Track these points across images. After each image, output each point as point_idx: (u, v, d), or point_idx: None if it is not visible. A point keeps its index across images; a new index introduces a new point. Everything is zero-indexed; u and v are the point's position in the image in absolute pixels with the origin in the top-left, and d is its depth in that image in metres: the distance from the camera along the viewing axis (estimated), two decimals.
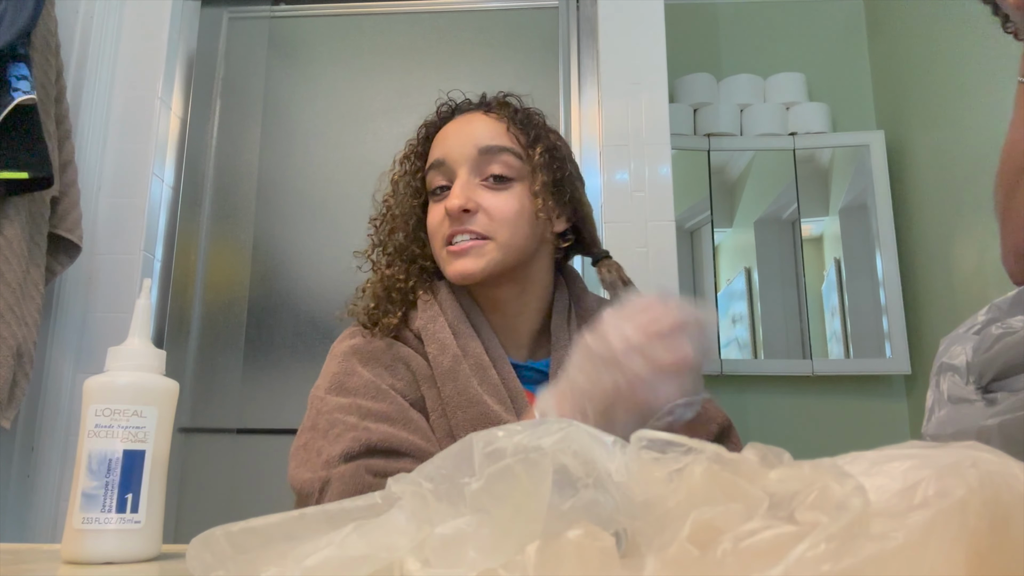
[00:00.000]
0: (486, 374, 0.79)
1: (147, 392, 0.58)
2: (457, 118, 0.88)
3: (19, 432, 1.62)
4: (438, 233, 0.83)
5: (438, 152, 0.85)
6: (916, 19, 2.18)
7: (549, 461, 0.30)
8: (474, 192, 0.81)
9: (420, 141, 0.91)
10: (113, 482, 0.56)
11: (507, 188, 0.82)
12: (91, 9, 1.81)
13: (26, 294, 1.51)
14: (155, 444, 0.58)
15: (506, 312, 0.85)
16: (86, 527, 0.55)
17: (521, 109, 0.88)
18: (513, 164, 0.82)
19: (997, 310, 0.60)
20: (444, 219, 0.82)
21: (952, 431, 0.54)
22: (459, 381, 0.78)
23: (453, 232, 0.80)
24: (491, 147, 0.82)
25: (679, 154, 2.33)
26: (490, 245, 0.80)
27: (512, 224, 0.80)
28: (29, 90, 1.47)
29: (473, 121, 0.85)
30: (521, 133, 0.84)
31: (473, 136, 0.83)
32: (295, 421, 0.87)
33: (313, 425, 0.77)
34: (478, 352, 0.80)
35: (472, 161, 0.82)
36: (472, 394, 0.77)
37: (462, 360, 0.79)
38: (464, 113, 0.88)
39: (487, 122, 0.85)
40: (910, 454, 0.28)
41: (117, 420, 0.57)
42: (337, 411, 0.76)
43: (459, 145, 0.83)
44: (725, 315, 2.31)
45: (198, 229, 1.88)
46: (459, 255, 0.80)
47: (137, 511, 0.56)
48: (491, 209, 0.80)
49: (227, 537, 0.34)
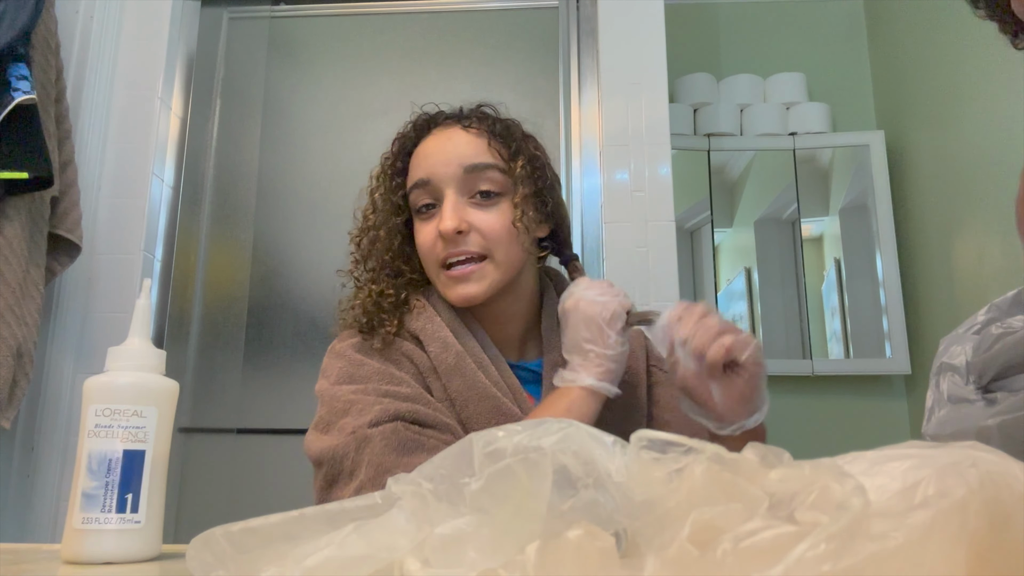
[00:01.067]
0: (487, 371, 0.80)
1: (147, 392, 0.58)
2: (435, 132, 0.86)
3: (19, 432, 1.62)
4: (431, 255, 0.82)
5: (421, 171, 0.84)
6: (916, 19, 2.18)
7: (549, 461, 0.30)
8: (465, 212, 0.81)
9: (396, 156, 0.89)
10: (113, 482, 0.55)
11: (495, 204, 0.82)
12: (91, 9, 1.81)
13: (26, 294, 1.51)
14: (155, 444, 0.57)
15: (498, 318, 0.86)
16: (86, 527, 0.55)
17: (499, 121, 0.87)
18: (498, 179, 0.82)
19: (997, 310, 0.60)
20: (437, 240, 0.81)
21: (952, 431, 0.54)
22: (467, 376, 0.79)
23: (449, 255, 0.80)
24: (476, 165, 0.82)
25: (679, 154, 2.33)
26: (489, 266, 0.81)
27: (505, 240, 0.81)
28: (29, 90, 1.47)
29: (454, 137, 0.84)
30: (502, 147, 0.84)
31: (457, 154, 0.82)
32: (295, 421, 0.87)
33: (330, 410, 0.77)
34: (477, 351, 0.81)
35: (458, 180, 0.82)
36: (482, 388, 0.78)
37: (466, 356, 0.80)
38: (441, 127, 0.86)
39: (468, 138, 0.84)
40: (910, 454, 0.28)
41: (117, 420, 0.57)
42: (354, 395, 0.76)
43: (443, 164, 0.82)
44: (725, 315, 2.31)
45: (198, 229, 1.88)
46: (459, 280, 0.80)
47: (137, 511, 0.56)
48: (484, 227, 0.80)
49: (227, 537, 0.34)
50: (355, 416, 0.74)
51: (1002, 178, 1.74)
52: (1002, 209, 1.73)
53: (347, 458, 0.72)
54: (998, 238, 1.75)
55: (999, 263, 1.75)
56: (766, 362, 0.73)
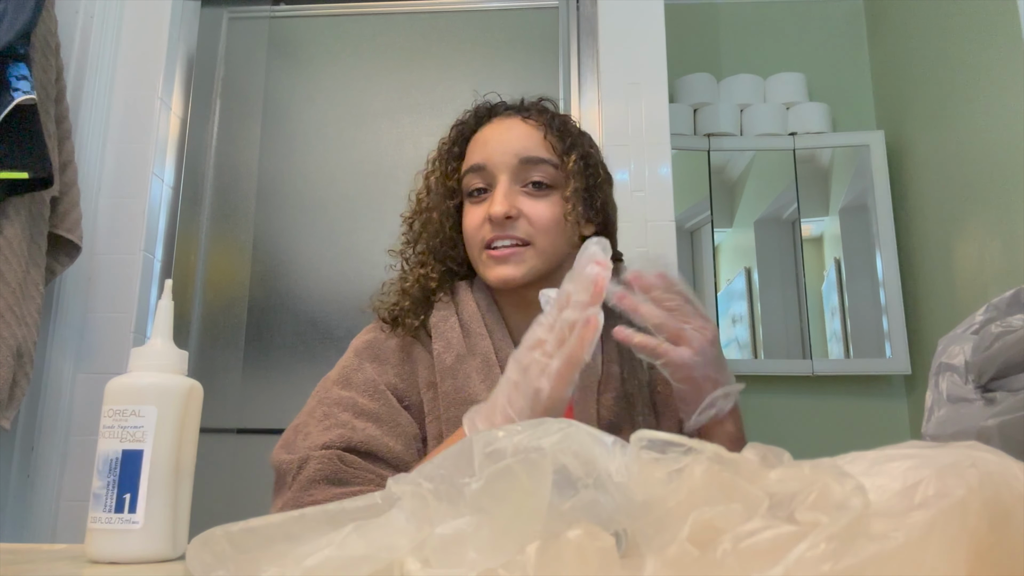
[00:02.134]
0: (490, 372, 0.81)
1: (143, 392, 0.58)
2: (495, 121, 0.89)
3: (19, 432, 1.62)
4: (476, 236, 0.85)
5: (478, 156, 0.86)
6: (916, 19, 2.18)
7: (549, 461, 0.30)
8: (516, 199, 0.83)
9: (454, 141, 0.91)
10: (113, 482, 0.56)
11: (546, 195, 0.84)
12: (91, 9, 1.81)
13: (26, 294, 1.51)
14: (155, 444, 0.57)
15: (531, 312, 0.87)
16: (94, 527, 0.56)
17: (557, 116, 0.90)
18: (551, 173, 0.85)
19: (995, 310, 0.60)
20: (484, 223, 0.84)
21: (952, 432, 0.54)
22: (458, 379, 0.81)
23: (494, 237, 0.83)
24: (531, 158, 0.84)
25: (679, 154, 2.33)
26: (530, 252, 0.83)
27: (551, 231, 0.83)
28: (29, 90, 1.47)
29: (513, 128, 0.87)
30: (557, 141, 0.86)
31: (513, 144, 0.85)
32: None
33: (311, 410, 0.82)
34: (487, 351, 0.83)
35: (513, 169, 0.84)
36: (469, 392, 0.80)
37: (466, 359, 0.82)
38: (502, 116, 0.89)
39: (526, 130, 0.86)
40: (910, 454, 0.28)
41: (118, 420, 0.57)
42: (335, 405, 0.80)
43: (500, 152, 0.85)
44: (725, 315, 2.31)
45: (198, 229, 1.88)
46: (500, 261, 0.83)
47: (135, 511, 0.56)
48: (532, 216, 0.83)
49: (227, 537, 0.34)
50: (320, 431, 0.78)
51: (1002, 178, 1.74)
52: (1002, 209, 1.73)
53: (288, 475, 0.77)
54: (998, 238, 1.75)
55: (999, 263, 1.75)
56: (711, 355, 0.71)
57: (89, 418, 1.65)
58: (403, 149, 1.87)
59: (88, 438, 1.65)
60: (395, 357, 0.84)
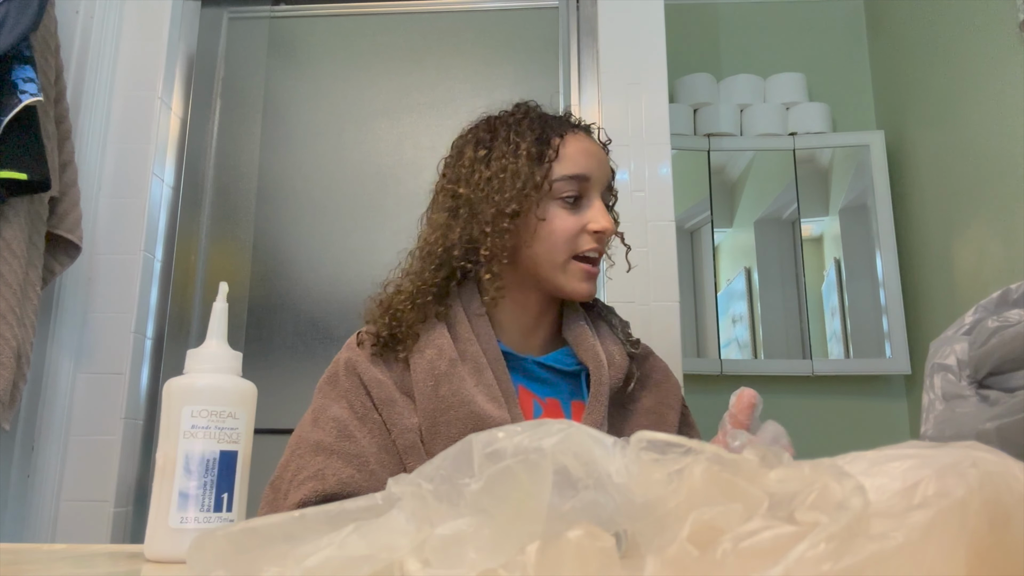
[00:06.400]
0: (482, 375, 0.84)
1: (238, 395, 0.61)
2: (582, 135, 0.92)
3: (19, 432, 1.62)
4: (569, 243, 0.87)
5: (582, 168, 0.88)
6: (916, 19, 2.18)
7: (549, 462, 0.30)
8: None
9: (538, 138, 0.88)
10: (211, 481, 0.58)
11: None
12: (91, 9, 1.81)
13: (25, 295, 1.51)
14: (244, 445, 0.60)
15: (531, 312, 0.92)
16: (183, 526, 0.56)
17: (607, 143, 0.97)
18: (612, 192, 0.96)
19: (984, 311, 0.60)
20: (581, 233, 0.87)
21: (951, 434, 0.54)
22: (454, 382, 0.83)
23: (593, 249, 0.88)
24: (611, 185, 0.94)
25: (679, 154, 2.33)
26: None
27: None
28: (36, 92, 1.47)
29: (600, 149, 0.93)
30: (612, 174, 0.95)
31: (606, 166, 0.92)
32: (295, 421, 0.88)
33: (285, 463, 0.84)
34: (476, 355, 0.85)
35: (603, 186, 0.91)
36: (465, 394, 0.82)
37: (459, 363, 0.84)
38: (583, 132, 0.93)
39: (605, 156, 0.93)
40: (910, 454, 0.28)
41: (214, 421, 0.59)
42: (307, 452, 0.82)
43: (599, 170, 0.90)
44: (725, 315, 2.31)
45: (198, 229, 1.88)
46: (591, 278, 0.89)
47: (231, 510, 0.58)
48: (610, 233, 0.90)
49: (227, 537, 0.34)
50: (295, 487, 0.80)
51: (1002, 178, 1.74)
52: (1002, 209, 1.73)
53: None
54: (998, 238, 1.75)
55: (999, 263, 1.75)
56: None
57: (89, 418, 1.65)
58: (403, 149, 1.87)
59: (88, 438, 1.65)
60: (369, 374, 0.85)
